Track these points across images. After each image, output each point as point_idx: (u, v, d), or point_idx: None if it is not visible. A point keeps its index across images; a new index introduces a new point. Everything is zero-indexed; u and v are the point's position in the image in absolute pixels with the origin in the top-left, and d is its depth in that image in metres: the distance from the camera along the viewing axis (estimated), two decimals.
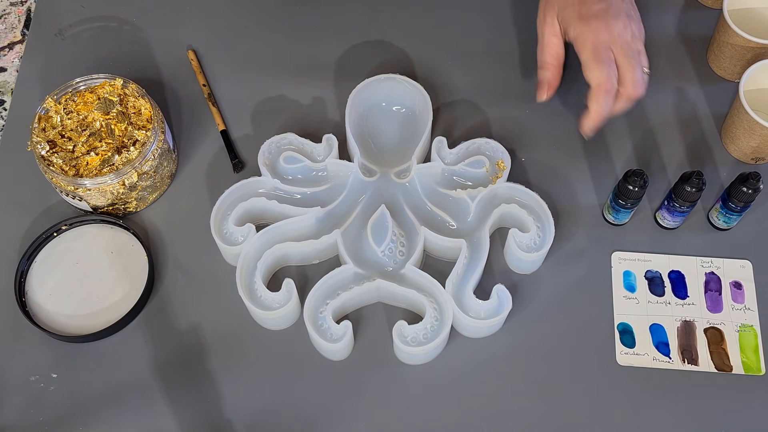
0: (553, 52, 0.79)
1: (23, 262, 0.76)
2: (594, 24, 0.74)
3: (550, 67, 0.79)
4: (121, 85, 0.78)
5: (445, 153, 0.78)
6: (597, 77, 0.73)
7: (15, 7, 0.95)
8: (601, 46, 0.74)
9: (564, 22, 0.77)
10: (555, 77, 0.79)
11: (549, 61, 0.79)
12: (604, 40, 0.74)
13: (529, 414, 0.71)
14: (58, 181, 0.74)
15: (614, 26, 0.74)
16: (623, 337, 0.74)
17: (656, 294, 0.76)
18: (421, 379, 0.72)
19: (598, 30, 0.74)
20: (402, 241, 0.75)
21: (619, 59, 0.74)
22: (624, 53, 0.74)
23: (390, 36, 0.90)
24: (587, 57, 0.74)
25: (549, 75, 0.79)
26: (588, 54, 0.74)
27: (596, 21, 0.74)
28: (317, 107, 0.85)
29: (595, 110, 0.74)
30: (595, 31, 0.74)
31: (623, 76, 0.74)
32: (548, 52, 0.79)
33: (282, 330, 0.74)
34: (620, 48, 0.74)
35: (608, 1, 0.75)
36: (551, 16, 0.78)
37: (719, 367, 0.73)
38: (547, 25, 0.78)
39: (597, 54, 0.74)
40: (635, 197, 0.73)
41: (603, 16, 0.74)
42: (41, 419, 0.71)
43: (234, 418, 0.71)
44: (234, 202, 0.76)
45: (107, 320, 0.73)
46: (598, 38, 0.74)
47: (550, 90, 0.79)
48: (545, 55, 0.79)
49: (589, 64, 0.74)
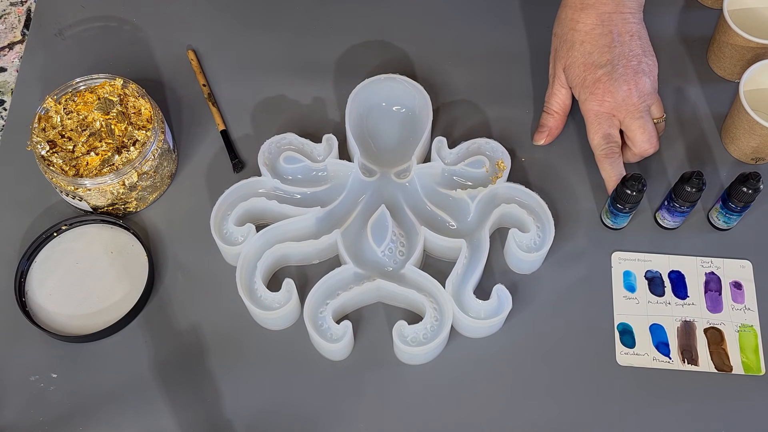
0: (560, 102, 0.80)
1: (23, 262, 0.76)
2: (597, 92, 0.75)
3: (555, 115, 0.80)
4: (121, 85, 0.78)
5: (445, 153, 0.78)
6: (596, 147, 0.76)
7: (15, 7, 0.95)
8: (602, 115, 0.75)
9: (570, 82, 0.78)
10: (557, 126, 0.81)
11: (555, 109, 0.80)
12: (608, 108, 0.75)
13: (529, 414, 0.71)
14: (58, 181, 0.74)
15: (617, 92, 0.74)
16: (623, 337, 0.74)
17: (656, 294, 0.76)
18: (421, 379, 0.72)
19: (602, 98, 0.75)
20: (402, 241, 0.75)
21: (626, 123, 0.75)
22: (631, 116, 0.75)
23: (390, 36, 0.90)
24: (589, 126, 0.76)
25: (552, 122, 0.80)
26: (590, 123, 0.76)
27: (600, 88, 0.75)
28: (317, 107, 0.85)
29: (605, 177, 0.77)
30: (599, 99, 0.75)
31: (632, 137, 0.76)
32: (555, 102, 0.80)
33: (282, 330, 0.74)
34: (626, 113, 0.75)
35: (613, 63, 0.74)
36: (559, 68, 0.78)
37: (719, 367, 0.73)
38: (556, 76, 0.79)
39: (599, 123, 0.75)
40: (633, 202, 0.73)
41: (606, 82, 0.74)
42: (41, 419, 0.71)
43: (234, 418, 0.71)
44: (234, 202, 0.76)
45: (107, 320, 0.73)
46: (601, 107, 0.75)
47: (550, 137, 0.81)
48: (552, 103, 0.80)
49: (591, 133, 0.76)
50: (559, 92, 0.79)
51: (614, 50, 0.74)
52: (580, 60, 0.75)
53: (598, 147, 0.76)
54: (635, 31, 0.75)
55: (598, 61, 0.74)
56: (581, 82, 0.76)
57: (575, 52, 0.76)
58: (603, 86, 0.74)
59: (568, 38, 0.76)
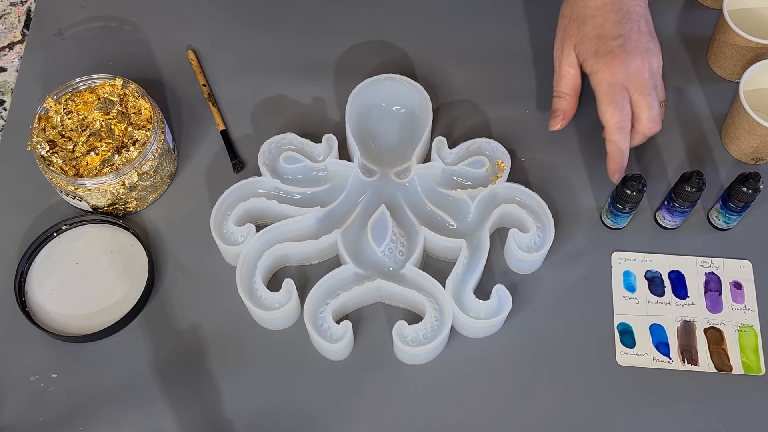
0: (569, 83, 0.78)
1: (23, 262, 0.76)
2: (611, 62, 0.74)
3: (566, 97, 0.78)
4: (121, 85, 0.78)
5: (445, 153, 0.78)
6: (610, 119, 0.74)
7: (15, 7, 0.95)
8: (616, 86, 0.74)
9: (581, 56, 0.76)
10: (571, 108, 0.79)
11: (565, 91, 0.78)
12: (621, 79, 0.73)
13: (529, 414, 0.71)
14: (58, 181, 0.74)
15: (631, 64, 0.73)
16: (623, 337, 0.74)
17: (656, 294, 0.76)
18: (421, 379, 0.72)
19: (615, 69, 0.73)
20: (402, 241, 0.75)
21: (635, 97, 0.74)
22: (640, 91, 0.74)
23: (390, 36, 0.90)
24: (602, 97, 0.74)
25: (565, 105, 0.78)
26: (603, 94, 0.74)
27: (613, 58, 0.74)
28: (317, 107, 0.85)
29: (612, 151, 0.75)
30: (612, 69, 0.74)
31: (638, 114, 0.74)
32: (565, 83, 0.78)
33: (282, 330, 0.74)
34: (636, 86, 0.74)
35: (625, 36, 0.74)
36: (568, 47, 0.77)
37: (719, 367, 0.73)
38: (564, 55, 0.78)
39: (612, 94, 0.74)
40: (633, 202, 0.73)
41: (620, 53, 0.74)
42: (41, 419, 0.71)
43: (234, 418, 0.71)
44: (234, 202, 0.76)
45: (107, 320, 0.73)
46: (615, 78, 0.74)
47: (565, 120, 0.79)
48: (562, 85, 0.78)
49: (603, 105, 0.74)
50: (568, 73, 0.78)
51: (625, 26, 0.74)
52: (592, 33, 0.75)
53: (612, 119, 0.74)
54: (643, 14, 0.76)
55: (610, 33, 0.74)
56: (594, 53, 0.74)
57: (587, 26, 0.75)
58: (617, 57, 0.73)
59: (579, 15, 0.76)
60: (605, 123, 0.75)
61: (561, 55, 0.78)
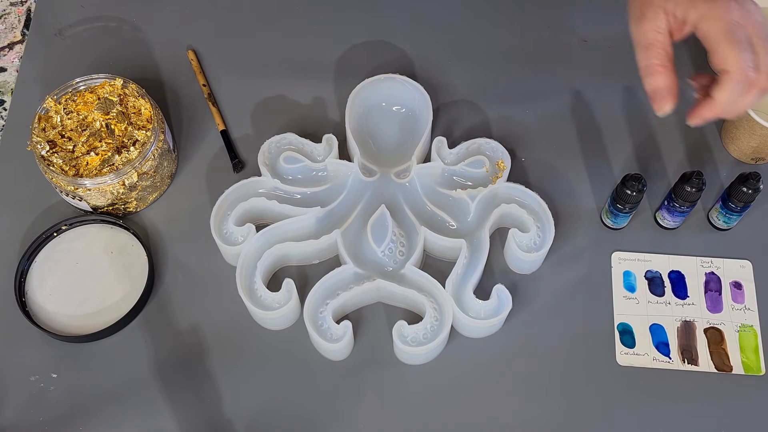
0: (661, 51, 0.63)
1: (23, 262, 0.76)
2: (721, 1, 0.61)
3: (663, 70, 0.64)
4: (121, 85, 0.78)
5: (445, 153, 0.78)
6: (736, 62, 0.60)
7: (15, 7, 0.95)
8: (735, 25, 0.60)
9: (678, 7, 0.62)
10: (673, 81, 0.64)
11: (659, 62, 0.64)
12: (738, 17, 0.60)
13: (529, 414, 0.71)
14: (58, 181, 0.74)
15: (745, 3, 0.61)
16: (623, 337, 0.74)
17: (656, 294, 0.76)
18: (421, 379, 0.72)
19: (729, 6, 0.61)
20: (402, 241, 0.75)
21: (755, 41, 0.61)
22: (759, 35, 0.61)
23: (390, 36, 0.90)
24: (719, 38, 0.61)
25: (664, 80, 0.64)
26: (720, 35, 0.61)
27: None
28: (317, 107, 0.85)
29: (723, 99, 0.62)
30: (726, 7, 0.60)
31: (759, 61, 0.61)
32: (655, 54, 0.63)
33: (282, 330, 0.74)
34: (754, 28, 0.61)
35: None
36: (653, 9, 0.63)
37: (719, 367, 0.73)
38: (648, 20, 0.63)
39: (732, 34, 0.60)
40: (633, 201, 0.73)
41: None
42: (41, 419, 0.71)
43: (234, 418, 0.71)
44: (234, 202, 0.76)
45: (107, 320, 0.73)
46: (731, 16, 0.60)
47: (672, 97, 0.64)
48: (651, 56, 0.63)
49: (723, 46, 0.60)
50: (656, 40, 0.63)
51: None
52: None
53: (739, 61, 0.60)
54: None
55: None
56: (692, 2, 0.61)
57: None
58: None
59: None
60: (726, 66, 0.61)
61: (642, 22, 0.64)
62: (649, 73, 0.64)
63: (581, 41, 0.89)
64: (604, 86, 0.86)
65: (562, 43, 0.89)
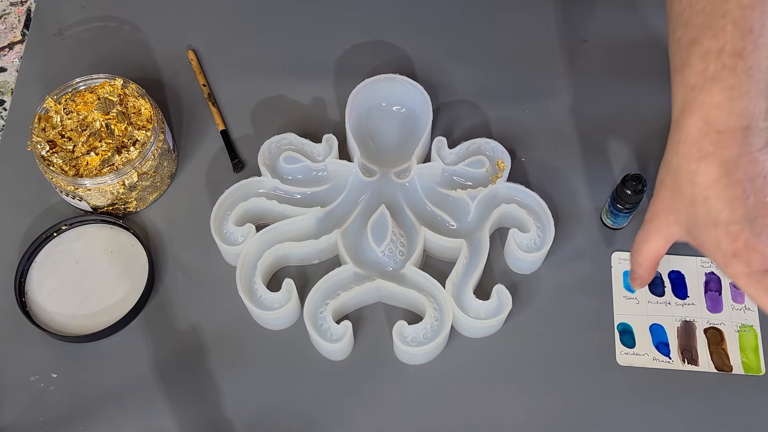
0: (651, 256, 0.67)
1: (23, 262, 0.76)
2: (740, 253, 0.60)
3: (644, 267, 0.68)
4: (121, 85, 0.78)
5: (445, 153, 0.78)
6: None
7: (15, 7, 0.95)
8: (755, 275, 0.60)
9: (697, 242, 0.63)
10: (650, 275, 0.69)
11: (643, 265, 0.68)
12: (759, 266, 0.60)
13: (529, 414, 0.71)
14: (58, 181, 0.74)
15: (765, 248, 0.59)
16: (623, 338, 0.74)
17: (656, 294, 0.76)
18: (421, 379, 0.72)
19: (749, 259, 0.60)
20: (402, 241, 0.75)
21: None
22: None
23: (390, 36, 0.90)
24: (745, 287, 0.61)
25: (642, 273, 0.69)
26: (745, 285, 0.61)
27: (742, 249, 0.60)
28: (317, 107, 0.85)
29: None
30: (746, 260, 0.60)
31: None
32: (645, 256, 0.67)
33: (282, 330, 0.74)
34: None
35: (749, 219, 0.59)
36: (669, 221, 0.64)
37: (719, 367, 0.73)
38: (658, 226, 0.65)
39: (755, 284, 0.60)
40: (633, 201, 0.73)
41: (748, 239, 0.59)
42: (41, 419, 0.71)
43: (234, 418, 0.71)
44: (234, 202, 0.76)
45: (107, 320, 0.73)
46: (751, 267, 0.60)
47: (643, 284, 0.70)
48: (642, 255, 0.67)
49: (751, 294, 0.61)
50: (656, 244, 0.66)
51: (748, 202, 0.59)
52: (706, 219, 0.61)
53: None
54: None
55: (730, 219, 0.60)
56: (715, 246, 0.61)
57: (699, 209, 0.61)
58: (745, 246, 0.60)
59: (687, 192, 0.61)
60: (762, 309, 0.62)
61: (655, 220, 0.65)
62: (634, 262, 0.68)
63: (581, 41, 0.89)
64: (604, 86, 0.86)
65: (562, 43, 0.89)
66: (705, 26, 0.60)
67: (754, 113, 0.59)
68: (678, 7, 0.63)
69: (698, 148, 0.60)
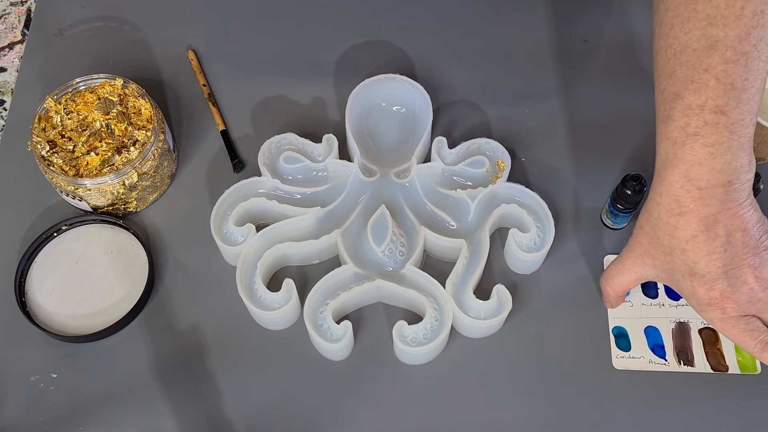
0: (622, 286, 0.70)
1: (23, 262, 0.76)
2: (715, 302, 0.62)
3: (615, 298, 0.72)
4: (121, 85, 0.78)
5: (445, 153, 0.78)
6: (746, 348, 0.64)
7: (15, 7, 0.95)
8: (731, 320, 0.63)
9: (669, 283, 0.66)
10: (618, 302, 0.74)
11: (613, 294, 0.72)
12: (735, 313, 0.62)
13: (529, 414, 0.71)
14: (58, 181, 0.74)
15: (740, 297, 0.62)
16: (618, 341, 0.74)
17: (650, 296, 0.76)
18: (421, 379, 0.72)
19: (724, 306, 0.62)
20: (402, 241, 0.75)
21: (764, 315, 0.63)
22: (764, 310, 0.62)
23: (390, 36, 0.90)
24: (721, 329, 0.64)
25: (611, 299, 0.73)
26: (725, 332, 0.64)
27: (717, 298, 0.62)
28: (317, 107, 0.85)
29: None
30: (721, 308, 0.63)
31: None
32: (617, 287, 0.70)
33: (282, 330, 0.74)
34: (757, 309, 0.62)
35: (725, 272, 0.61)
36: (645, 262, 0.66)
37: (715, 367, 0.73)
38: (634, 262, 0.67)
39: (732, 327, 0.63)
40: (633, 201, 0.73)
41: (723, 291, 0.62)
42: (41, 419, 0.71)
43: (234, 418, 0.71)
44: (234, 202, 0.76)
45: (107, 320, 0.74)
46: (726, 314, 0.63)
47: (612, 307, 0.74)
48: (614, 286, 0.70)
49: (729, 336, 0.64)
50: (627, 277, 0.69)
51: (725, 255, 0.61)
52: (682, 269, 0.63)
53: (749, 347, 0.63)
54: (747, 221, 0.61)
55: (705, 271, 0.61)
56: (691, 293, 0.64)
57: (676, 259, 0.63)
58: (720, 296, 0.62)
59: (665, 243, 0.63)
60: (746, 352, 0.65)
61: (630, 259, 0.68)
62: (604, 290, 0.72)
63: (581, 41, 0.89)
64: (604, 86, 0.86)
65: (562, 43, 0.89)
66: (688, 80, 0.59)
67: (736, 168, 0.59)
68: (664, 56, 0.62)
69: (678, 203, 0.61)
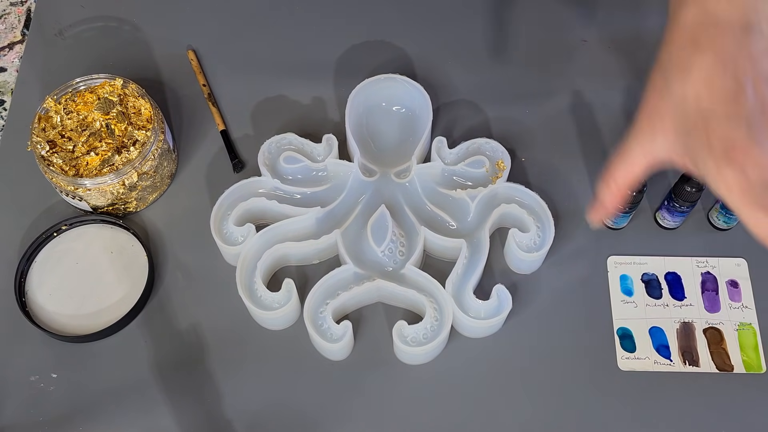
0: (631, 176, 0.58)
1: (23, 262, 0.76)
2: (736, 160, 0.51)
3: (616, 192, 0.59)
4: (121, 85, 0.78)
5: (445, 153, 0.78)
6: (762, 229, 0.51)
7: (15, 7, 0.95)
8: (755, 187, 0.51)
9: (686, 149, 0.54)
10: (615, 204, 0.60)
11: (620, 183, 0.59)
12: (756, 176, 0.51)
13: (529, 414, 0.71)
14: (58, 181, 0.74)
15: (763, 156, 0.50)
16: (623, 342, 0.74)
17: (654, 297, 0.76)
18: (421, 379, 0.72)
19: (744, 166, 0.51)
20: (402, 241, 0.75)
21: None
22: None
23: (390, 36, 0.90)
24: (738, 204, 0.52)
25: (610, 199, 0.60)
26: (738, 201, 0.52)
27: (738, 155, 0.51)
28: (317, 107, 0.85)
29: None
30: (740, 168, 0.51)
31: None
32: (624, 174, 0.58)
33: (282, 330, 0.74)
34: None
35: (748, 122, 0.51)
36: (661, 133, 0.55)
37: (720, 367, 0.73)
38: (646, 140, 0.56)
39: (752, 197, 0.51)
40: (633, 202, 0.73)
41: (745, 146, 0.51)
42: (41, 419, 0.71)
43: (234, 418, 0.71)
44: (234, 202, 0.76)
45: (107, 320, 0.73)
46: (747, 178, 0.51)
47: (604, 215, 0.61)
48: (620, 174, 0.58)
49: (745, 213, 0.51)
50: (638, 163, 0.57)
51: (747, 102, 0.51)
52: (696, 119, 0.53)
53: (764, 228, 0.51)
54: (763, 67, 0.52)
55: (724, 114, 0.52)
56: (707, 149, 0.52)
57: (689, 108, 0.53)
58: (741, 149, 0.51)
59: (677, 92, 0.54)
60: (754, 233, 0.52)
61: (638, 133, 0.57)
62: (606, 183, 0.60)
63: (581, 41, 0.89)
64: (604, 86, 0.86)
65: (562, 43, 0.89)
66: None
67: (756, 9, 0.53)
68: None
69: (693, 40, 0.53)
